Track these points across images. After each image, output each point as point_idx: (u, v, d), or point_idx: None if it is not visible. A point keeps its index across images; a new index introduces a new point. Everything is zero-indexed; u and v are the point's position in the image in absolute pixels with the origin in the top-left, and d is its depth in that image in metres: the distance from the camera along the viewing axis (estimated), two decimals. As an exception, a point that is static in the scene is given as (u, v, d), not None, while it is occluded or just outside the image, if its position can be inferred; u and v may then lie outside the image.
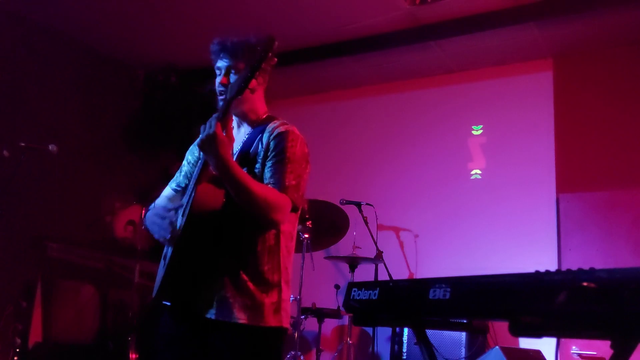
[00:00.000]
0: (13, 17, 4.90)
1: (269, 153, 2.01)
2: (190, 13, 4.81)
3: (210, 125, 1.85)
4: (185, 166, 2.29)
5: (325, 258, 4.73)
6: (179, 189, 2.27)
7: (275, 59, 1.95)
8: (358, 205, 4.52)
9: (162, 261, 2.06)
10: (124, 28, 5.21)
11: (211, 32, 2.15)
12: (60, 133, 4.74)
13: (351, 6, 4.56)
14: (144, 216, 2.10)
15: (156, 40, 5.38)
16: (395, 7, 4.49)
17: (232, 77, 2.04)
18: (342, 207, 4.46)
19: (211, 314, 1.92)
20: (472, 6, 4.44)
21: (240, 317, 1.91)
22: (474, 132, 5.20)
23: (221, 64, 2.08)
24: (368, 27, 4.82)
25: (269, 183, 1.96)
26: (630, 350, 1.19)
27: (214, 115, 1.89)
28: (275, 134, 2.03)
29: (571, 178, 4.69)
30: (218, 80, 2.09)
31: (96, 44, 5.50)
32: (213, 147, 1.83)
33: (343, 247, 4.85)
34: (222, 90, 2.06)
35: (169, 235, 1.91)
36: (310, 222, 4.20)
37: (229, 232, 1.96)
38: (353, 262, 4.40)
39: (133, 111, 5.76)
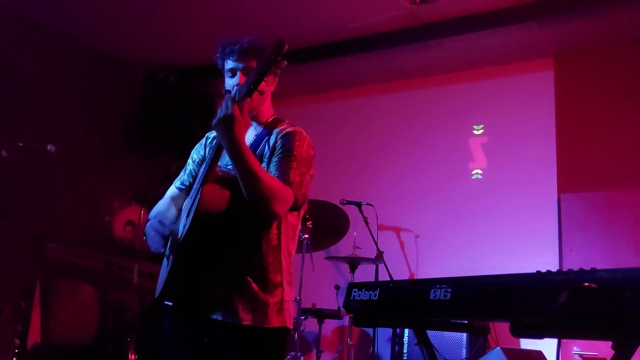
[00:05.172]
0: (13, 17, 4.89)
1: (276, 150, 2.01)
2: (189, 12, 4.79)
3: (227, 106, 1.81)
4: (190, 164, 2.29)
5: (326, 258, 4.71)
6: (183, 187, 2.28)
7: (285, 62, 1.90)
8: (358, 205, 4.51)
9: (165, 261, 2.05)
10: (124, 28, 5.20)
11: (211, 32, 2.15)
12: (60, 133, 4.72)
13: (352, 5, 4.55)
14: (146, 224, 2.09)
15: (156, 40, 5.37)
16: (396, 6, 4.48)
17: None
18: (342, 207, 4.45)
19: (217, 315, 1.92)
20: (473, 5, 4.43)
21: (245, 319, 1.91)
22: (475, 132, 5.18)
23: (235, 65, 2.06)
24: (369, 26, 4.81)
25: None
26: (632, 351, 1.18)
27: (228, 96, 1.84)
28: (283, 134, 2.04)
29: (572, 178, 4.68)
30: (234, 81, 2.05)
31: (96, 43, 5.49)
32: (230, 127, 1.79)
33: (343, 247, 4.84)
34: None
35: (162, 250, 1.93)
36: (310, 222, 4.19)
37: (233, 232, 1.96)
38: (353, 263, 4.38)
39: (132, 111, 5.75)
